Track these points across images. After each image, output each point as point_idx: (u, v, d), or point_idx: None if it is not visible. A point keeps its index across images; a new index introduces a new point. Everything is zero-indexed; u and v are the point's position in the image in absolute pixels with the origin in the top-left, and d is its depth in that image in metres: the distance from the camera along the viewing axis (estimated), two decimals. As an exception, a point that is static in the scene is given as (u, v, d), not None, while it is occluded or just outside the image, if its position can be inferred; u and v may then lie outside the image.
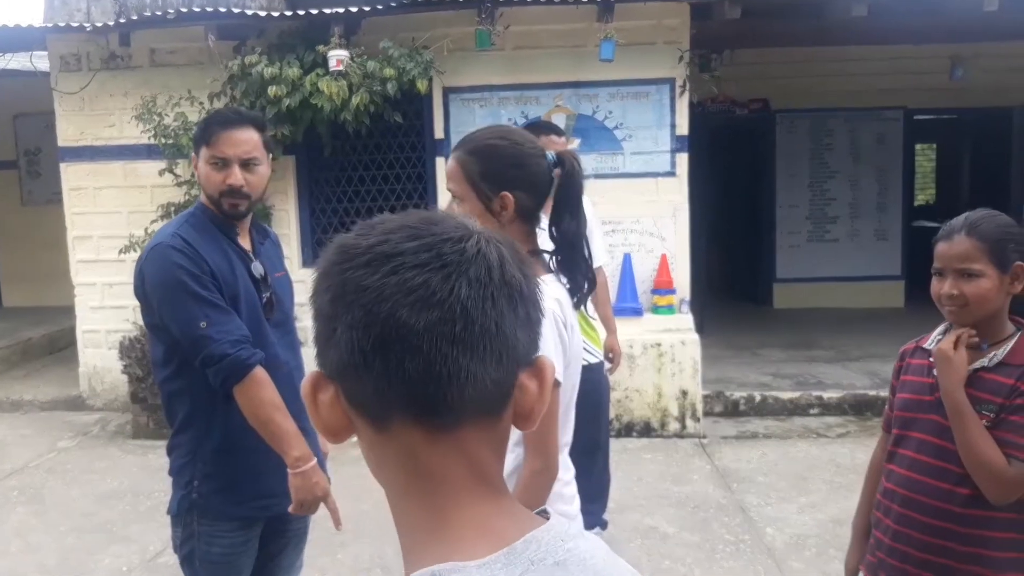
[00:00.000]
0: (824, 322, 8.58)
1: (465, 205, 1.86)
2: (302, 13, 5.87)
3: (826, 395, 6.22)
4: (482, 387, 0.70)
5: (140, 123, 6.00)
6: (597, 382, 3.90)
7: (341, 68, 5.61)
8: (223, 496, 2.22)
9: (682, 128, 6.11)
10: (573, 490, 2.00)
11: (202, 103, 6.01)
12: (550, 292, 1.86)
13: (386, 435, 0.72)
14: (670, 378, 5.84)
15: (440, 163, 6.23)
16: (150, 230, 5.68)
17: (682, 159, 6.13)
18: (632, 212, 6.15)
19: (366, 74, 5.63)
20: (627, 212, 6.13)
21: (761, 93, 9.04)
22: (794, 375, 6.74)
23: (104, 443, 5.94)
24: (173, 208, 5.97)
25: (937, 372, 1.88)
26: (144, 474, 5.17)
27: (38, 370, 7.76)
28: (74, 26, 6.14)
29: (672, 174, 6.14)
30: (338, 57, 5.62)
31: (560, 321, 1.83)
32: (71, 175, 6.58)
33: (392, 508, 0.75)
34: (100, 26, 6.05)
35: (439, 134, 6.24)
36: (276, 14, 5.94)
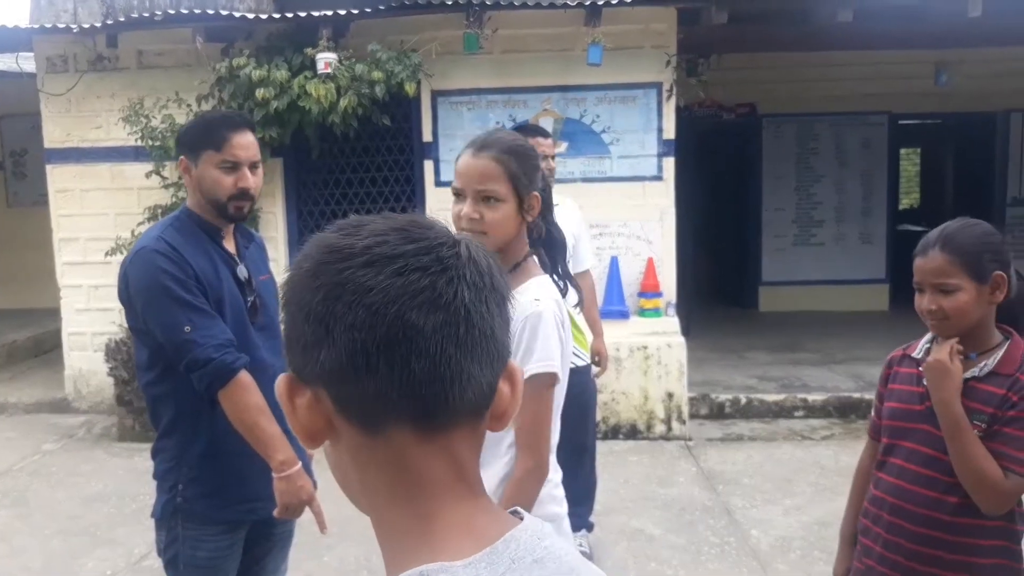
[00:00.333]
0: (809, 325, 8.63)
1: (501, 206, 1.86)
2: (290, 15, 5.87)
3: (811, 398, 6.26)
4: (478, 389, 0.72)
5: (127, 125, 5.98)
6: (584, 385, 3.92)
7: (329, 71, 5.61)
8: (208, 500, 2.22)
9: (669, 132, 6.14)
10: (562, 492, 2.01)
11: (190, 105, 6.01)
12: (549, 292, 1.90)
13: (377, 438, 0.72)
14: (656, 381, 5.86)
15: (428, 166, 6.25)
16: (137, 232, 5.67)
17: (669, 163, 6.16)
18: (619, 215, 6.17)
19: (354, 77, 5.63)
20: (614, 215, 6.16)
21: (748, 97, 9.10)
22: (779, 378, 6.78)
23: (89, 446, 5.92)
24: (160, 210, 5.96)
25: (932, 384, 1.86)
26: (130, 477, 5.15)
27: (23, 372, 7.72)
28: (60, 27, 6.12)
29: (659, 178, 6.17)
30: (326, 60, 5.62)
31: (559, 321, 1.86)
32: (57, 177, 6.56)
33: (373, 511, 0.75)
34: (87, 27, 6.04)
35: (427, 137, 6.25)
36: (264, 16, 5.94)
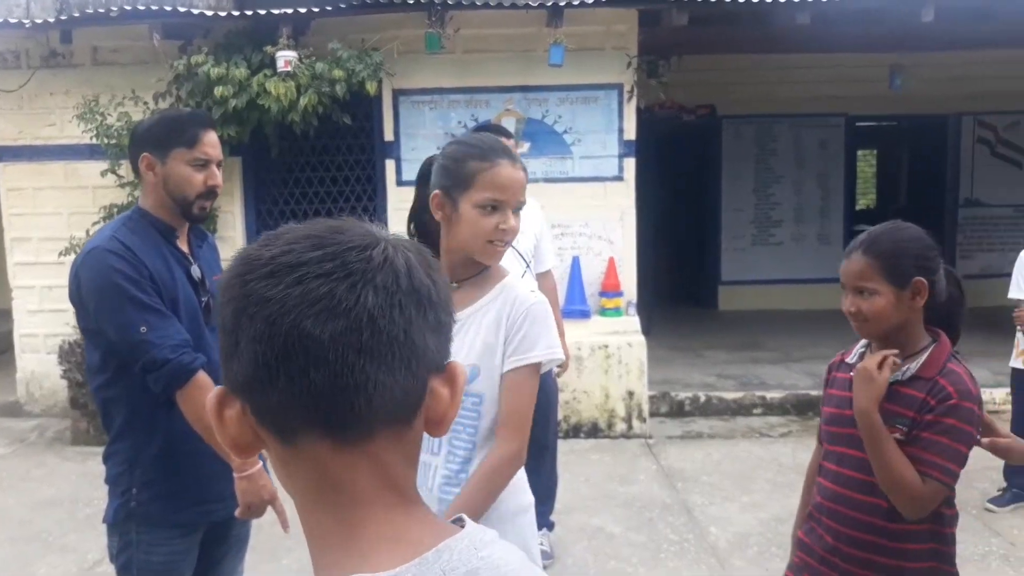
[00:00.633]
0: (768, 324, 8.74)
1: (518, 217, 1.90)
2: (250, 13, 5.81)
3: (769, 395, 6.35)
4: (391, 396, 0.69)
5: (82, 123, 5.88)
6: (545, 384, 3.93)
7: (289, 69, 5.57)
8: (163, 503, 2.19)
9: (630, 133, 6.19)
10: (526, 481, 2.01)
11: (146, 103, 5.92)
12: (530, 284, 1.98)
13: (294, 449, 0.70)
14: (617, 380, 5.90)
15: (390, 165, 6.22)
16: (92, 232, 5.56)
17: (630, 163, 6.20)
18: (581, 216, 6.21)
19: (314, 75, 5.59)
20: (576, 216, 6.19)
21: (708, 99, 9.19)
22: (738, 376, 6.87)
23: (42, 450, 5.80)
24: (116, 209, 5.85)
25: (855, 390, 1.86)
26: (83, 481, 5.05)
27: (-26, 375, 7.54)
28: (12, 22, 5.99)
29: (620, 178, 6.21)
30: (286, 58, 5.57)
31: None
32: (9, 175, 6.42)
33: (302, 522, 0.73)
34: (40, 23, 5.92)
35: (389, 136, 6.22)
36: (223, 14, 5.87)
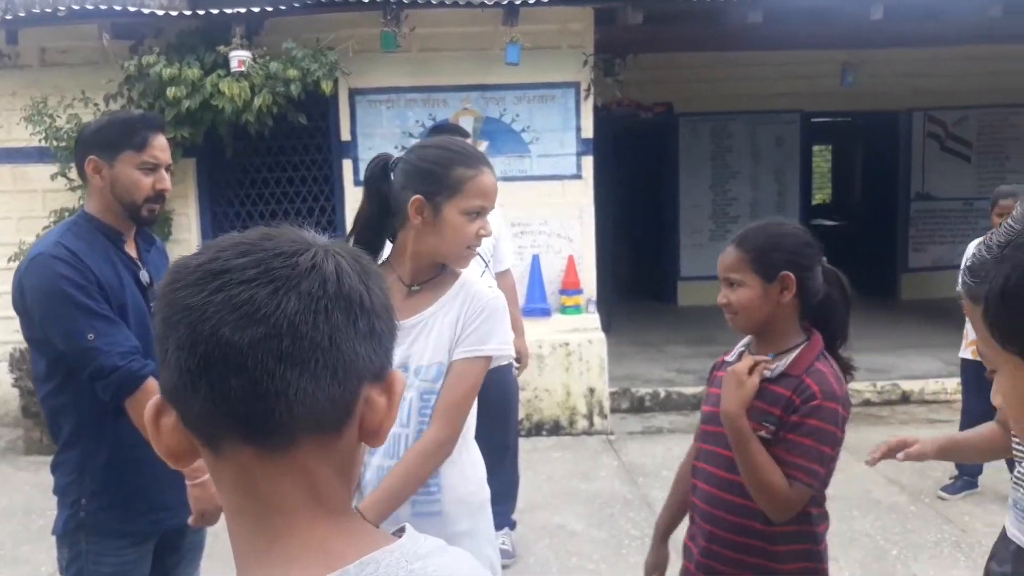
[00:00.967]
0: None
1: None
2: (202, 13, 5.74)
3: (728, 390, 6.40)
4: (314, 403, 0.68)
5: (30, 125, 5.75)
6: (505, 383, 3.94)
7: (243, 69, 5.51)
8: (113, 512, 2.15)
9: (587, 131, 6.21)
10: (483, 474, 2.01)
11: (97, 104, 5.81)
12: (488, 283, 1.98)
13: (220, 456, 0.70)
14: (578, 377, 5.93)
15: (347, 165, 6.18)
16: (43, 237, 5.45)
17: (588, 162, 6.23)
18: (540, 214, 6.22)
19: (269, 75, 5.54)
20: (535, 214, 6.20)
21: (664, 97, 9.27)
22: (698, 370, 6.93)
23: (-6, 459, 5.68)
24: (67, 213, 5.74)
25: (723, 391, 1.85)
26: (37, 492, 4.94)
27: (-78, 384, 7.34)
28: (-44, 22, 5.85)
29: (578, 176, 6.24)
30: (240, 58, 5.51)
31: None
32: (-45, 178, 6.26)
33: (228, 529, 0.73)
34: (-16, 23, 5.79)
35: (345, 136, 6.18)
36: (175, 13, 5.79)
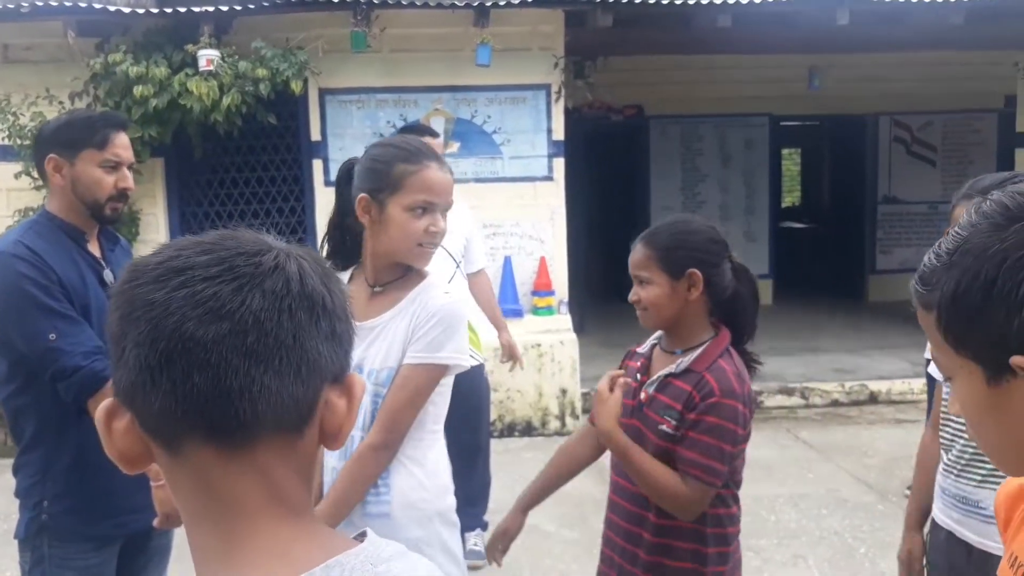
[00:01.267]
0: (698, 320, 8.87)
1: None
2: (170, 11, 5.68)
3: (699, 390, 6.44)
4: (278, 401, 0.68)
5: (-7, 123, 5.66)
6: (477, 385, 3.95)
7: (211, 68, 5.45)
8: (76, 516, 2.12)
9: (558, 133, 6.23)
10: (443, 483, 1.98)
11: (62, 103, 5.73)
12: (454, 289, 2.00)
13: (179, 458, 0.69)
14: (550, 378, 5.94)
15: (317, 165, 6.15)
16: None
17: (559, 163, 6.25)
18: (511, 215, 6.22)
19: (238, 74, 5.50)
20: (507, 215, 6.21)
21: (635, 99, 9.32)
22: (669, 372, 6.96)
23: (-45, 464, 5.56)
24: (31, 212, 5.65)
25: (593, 410, 1.89)
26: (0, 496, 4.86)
27: None
28: (-84, 18, 5.73)
29: (550, 178, 6.25)
30: (208, 56, 5.46)
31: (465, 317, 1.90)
32: (-85, 178, 6.14)
33: (187, 533, 0.72)
34: (-55, 19, 5.68)
35: (316, 136, 6.14)
36: (142, 11, 5.72)
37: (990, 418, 0.84)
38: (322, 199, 6.09)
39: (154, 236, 6.08)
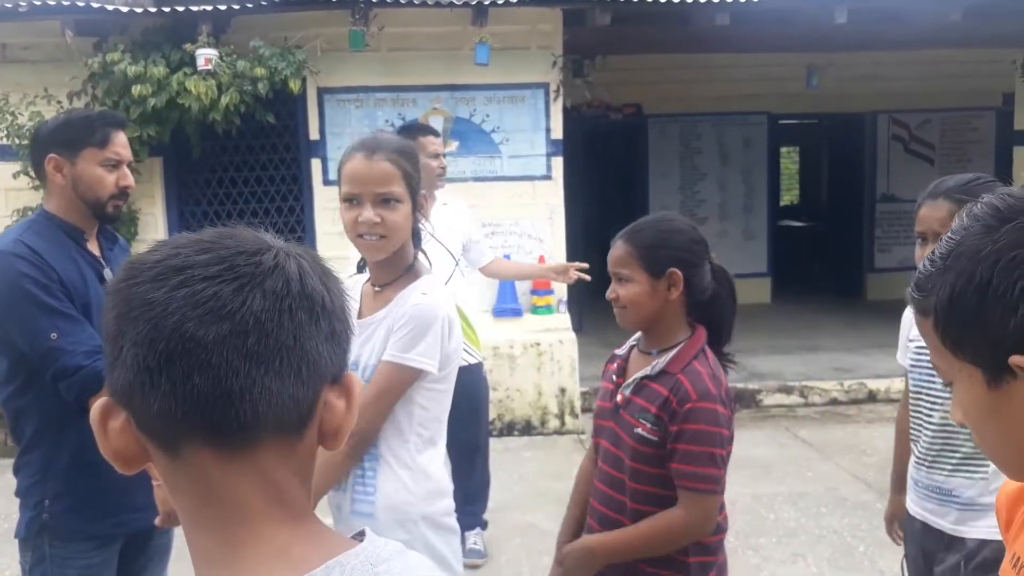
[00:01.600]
0: (696, 318, 8.88)
1: (400, 207, 1.88)
2: (168, 10, 5.67)
3: (698, 389, 6.44)
4: (278, 403, 0.67)
5: (-9, 122, 5.66)
6: (475, 384, 3.93)
7: (210, 67, 5.45)
8: (78, 515, 2.12)
9: (557, 132, 6.23)
10: (447, 488, 2.00)
11: (60, 102, 5.73)
12: (439, 290, 1.96)
13: (177, 460, 0.68)
14: (549, 376, 5.94)
15: (316, 164, 6.14)
16: (3, 236, 5.36)
17: (557, 162, 6.25)
18: (510, 214, 6.23)
19: (236, 73, 5.50)
20: (506, 214, 6.21)
21: (634, 98, 9.31)
22: (668, 371, 6.97)
23: (-46, 463, 5.56)
24: (30, 211, 5.65)
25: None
26: (0, 495, 4.86)
27: None
28: (-87, 18, 5.73)
29: (548, 177, 6.25)
30: (206, 56, 5.46)
31: (447, 320, 1.89)
32: (-87, 177, 6.13)
33: (186, 536, 0.71)
34: (-57, 18, 5.67)
35: (314, 135, 6.14)
36: (140, 10, 5.72)
37: (992, 421, 0.84)
38: (321, 198, 6.09)
39: (153, 235, 6.07)
